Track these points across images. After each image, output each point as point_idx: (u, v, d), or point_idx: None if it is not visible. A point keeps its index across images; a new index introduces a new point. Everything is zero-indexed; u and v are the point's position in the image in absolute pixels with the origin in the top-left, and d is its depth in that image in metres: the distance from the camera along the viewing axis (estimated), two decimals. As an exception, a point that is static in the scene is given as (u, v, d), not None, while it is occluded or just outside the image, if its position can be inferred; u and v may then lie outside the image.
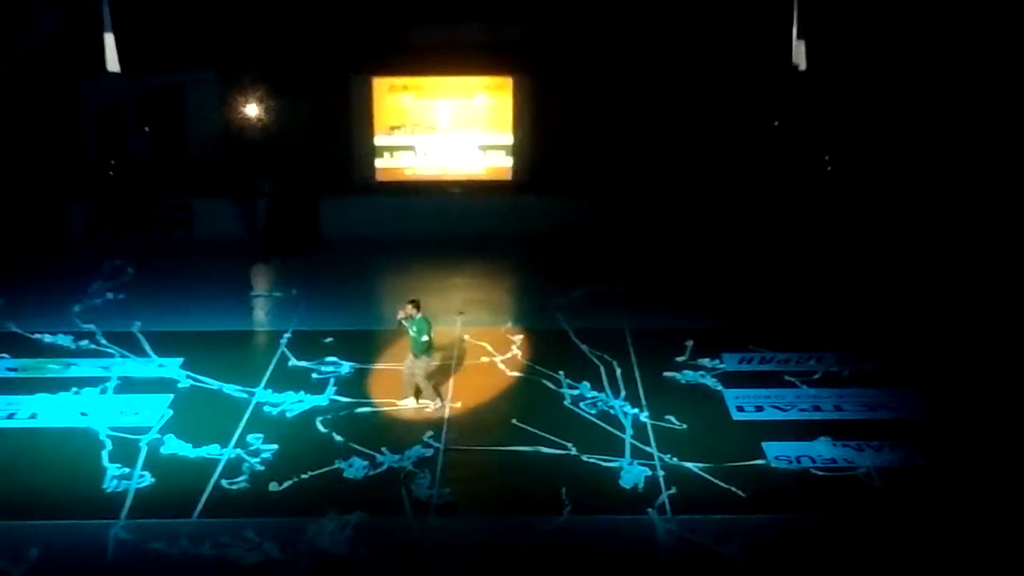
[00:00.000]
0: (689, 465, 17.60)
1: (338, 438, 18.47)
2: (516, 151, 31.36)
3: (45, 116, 31.27)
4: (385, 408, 19.70)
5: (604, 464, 17.65)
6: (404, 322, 19.78)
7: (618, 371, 20.97)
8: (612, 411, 19.51)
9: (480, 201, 30.95)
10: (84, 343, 22.45)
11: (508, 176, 31.58)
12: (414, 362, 19.77)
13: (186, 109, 32.30)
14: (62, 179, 30.99)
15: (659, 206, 29.91)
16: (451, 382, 20.80)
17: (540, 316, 24.24)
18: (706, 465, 17.56)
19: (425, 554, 15.36)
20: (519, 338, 22.77)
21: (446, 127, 31.48)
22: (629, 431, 18.73)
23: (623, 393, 20.16)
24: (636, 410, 19.49)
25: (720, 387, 20.56)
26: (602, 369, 21.07)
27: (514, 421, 18.99)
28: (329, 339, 22.61)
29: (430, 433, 18.55)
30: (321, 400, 19.98)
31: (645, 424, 19.05)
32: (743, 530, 15.88)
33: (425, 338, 19.65)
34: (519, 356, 21.94)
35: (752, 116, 31.03)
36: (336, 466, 17.56)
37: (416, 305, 19.76)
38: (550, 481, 17.06)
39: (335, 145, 31.50)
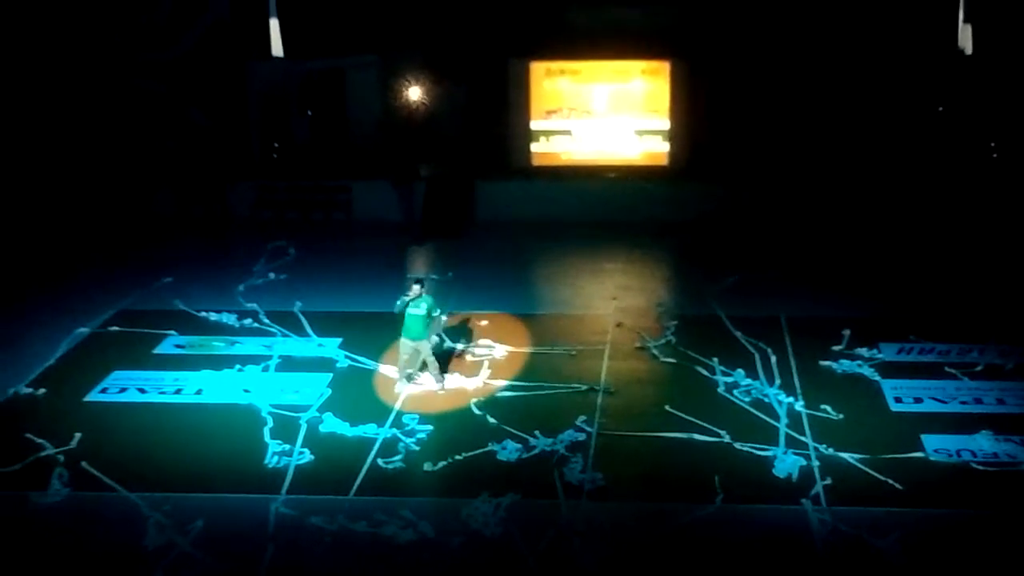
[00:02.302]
0: (845, 456, 17.32)
1: (492, 420, 18.61)
2: (672, 136, 31.19)
3: (213, 99, 32.12)
4: (539, 392, 19.78)
5: (758, 453, 17.47)
6: (410, 303, 19.63)
7: (773, 359, 20.73)
8: (766, 399, 19.30)
9: (635, 186, 30.87)
10: (247, 322, 23.03)
11: (664, 161, 31.45)
12: (417, 343, 19.70)
13: (347, 93, 32.84)
14: (227, 161, 31.80)
15: (818, 192, 29.47)
16: (604, 367, 20.80)
17: (694, 302, 24.10)
18: (862, 456, 17.27)
19: (576, 538, 15.39)
20: (673, 324, 22.66)
21: (602, 111, 31.47)
22: (784, 420, 18.51)
23: (778, 381, 19.94)
24: (791, 399, 19.26)
25: (878, 377, 20.19)
26: (757, 357, 20.87)
27: (667, 407, 18.91)
28: (484, 322, 22.80)
29: (583, 418, 18.58)
30: (477, 382, 20.16)
31: (800, 413, 18.80)
32: (899, 523, 15.58)
33: (438, 315, 19.65)
34: (673, 342, 21.84)
35: (916, 101, 30.35)
36: (490, 448, 17.69)
37: (421, 284, 19.74)
38: (703, 468, 16.95)
39: (492, 129, 31.72)
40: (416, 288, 19.68)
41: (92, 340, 22.44)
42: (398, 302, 19.73)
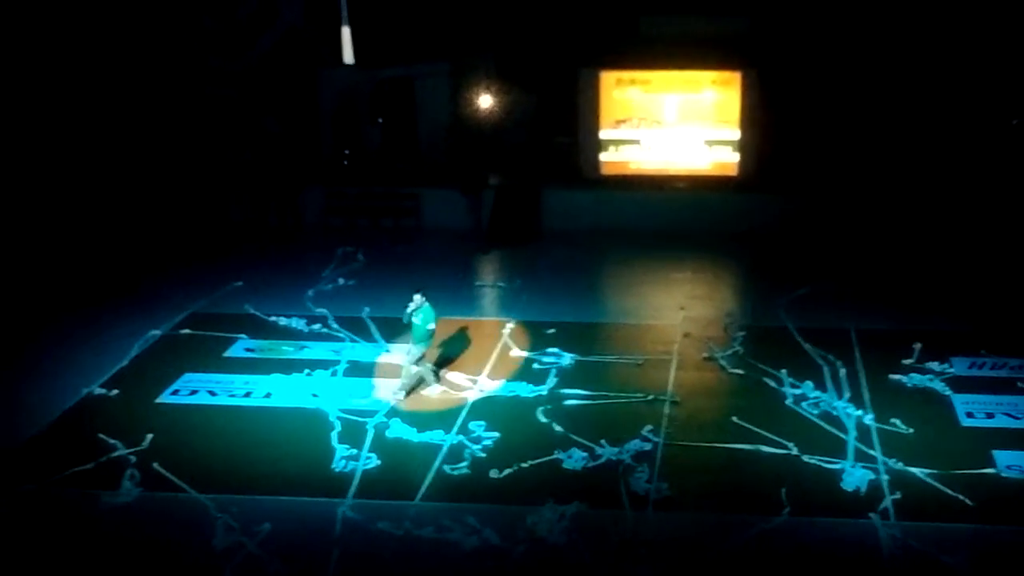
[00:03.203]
0: (914, 470, 17.15)
1: (558, 429, 18.62)
2: (743, 147, 31.03)
3: (285, 106, 32.39)
4: (605, 401, 19.74)
5: (826, 466, 17.35)
6: (412, 313, 19.63)
7: (842, 372, 20.57)
8: (835, 412, 19.15)
9: (704, 196, 30.75)
10: (316, 327, 23.20)
11: (734, 172, 31.27)
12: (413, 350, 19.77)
13: (417, 101, 32.98)
14: (299, 168, 32.05)
15: (889, 204, 29.19)
16: (671, 378, 20.73)
17: (763, 313, 23.96)
18: (932, 471, 17.09)
19: (642, 548, 15.35)
20: (741, 335, 22.54)
21: (672, 121, 31.34)
22: (852, 433, 18.36)
23: (847, 394, 19.77)
24: (860, 412, 19.09)
25: (949, 392, 19.96)
26: (826, 369, 20.71)
27: (734, 419, 18.82)
28: (551, 330, 22.81)
29: (649, 427, 18.53)
30: (542, 390, 20.17)
31: (869, 427, 18.63)
32: (970, 540, 15.40)
33: (431, 326, 19.57)
34: (741, 353, 21.72)
35: (989, 113, 29.97)
36: (555, 456, 17.70)
37: (422, 294, 19.71)
38: (770, 480, 16.86)
39: (561, 138, 31.71)
40: (417, 298, 19.65)
41: (164, 342, 22.72)
42: (406, 311, 19.78)
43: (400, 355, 20.59)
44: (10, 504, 16.39)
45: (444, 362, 21.16)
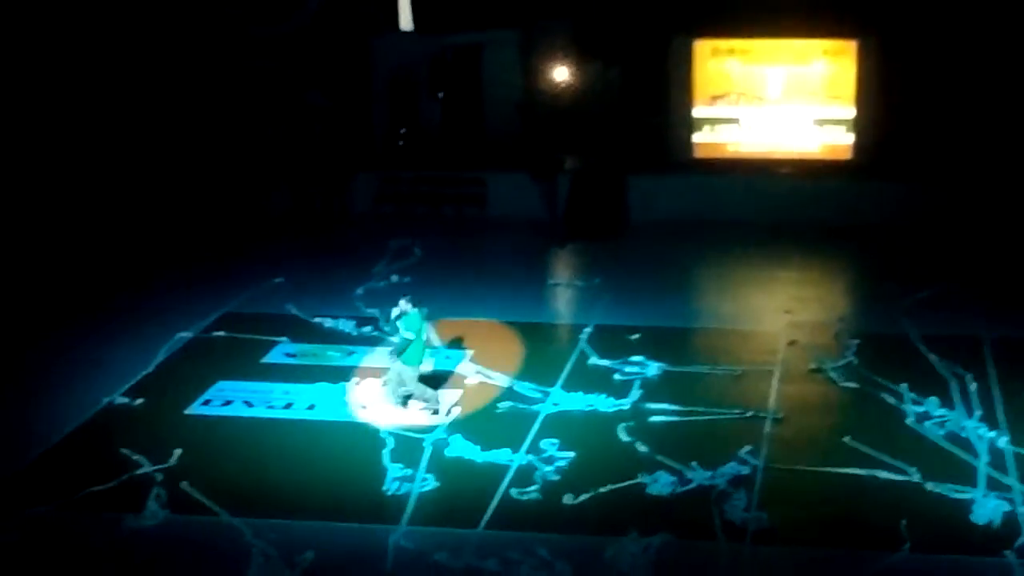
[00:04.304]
0: (1057, 501, 17.00)
1: (642, 448, 18.58)
2: (858, 126, 30.84)
3: (334, 79, 32.58)
4: (697, 417, 19.70)
5: (953, 495, 17.18)
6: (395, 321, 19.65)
7: (972, 386, 20.38)
8: (964, 433, 18.96)
9: (814, 183, 30.61)
10: (366, 329, 23.35)
11: (848, 155, 31.11)
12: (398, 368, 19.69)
13: (484, 73, 33.08)
14: (348, 149, 32.23)
15: (1028, 193, 28.95)
16: (774, 390, 20.65)
17: (880, 318, 23.81)
18: (1077, 503, 16.93)
19: (738, 586, 15.36)
20: (855, 343, 22.41)
21: (776, 97, 31.26)
22: (984, 457, 18.16)
23: (978, 413, 19.58)
24: (993, 433, 18.89)
25: (1099, 410, 19.76)
26: (953, 383, 20.54)
27: (847, 439, 18.69)
28: (635, 336, 22.80)
29: (747, 448, 18.46)
30: (624, 404, 20.16)
31: (1003, 450, 18.43)
32: (1121, 582, 15.23)
33: (408, 335, 19.38)
34: (855, 364, 21.59)
35: None
36: (639, 480, 17.65)
37: (410, 300, 19.59)
38: (887, 511, 16.70)
39: (649, 116, 31.69)
40: (402, 303, 19.60)
41: (195, 346, 22.99)
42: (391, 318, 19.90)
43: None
44: (18, 529, 16.58)
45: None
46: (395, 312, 19.64)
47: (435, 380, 20.83)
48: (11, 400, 20.69)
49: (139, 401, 20.55)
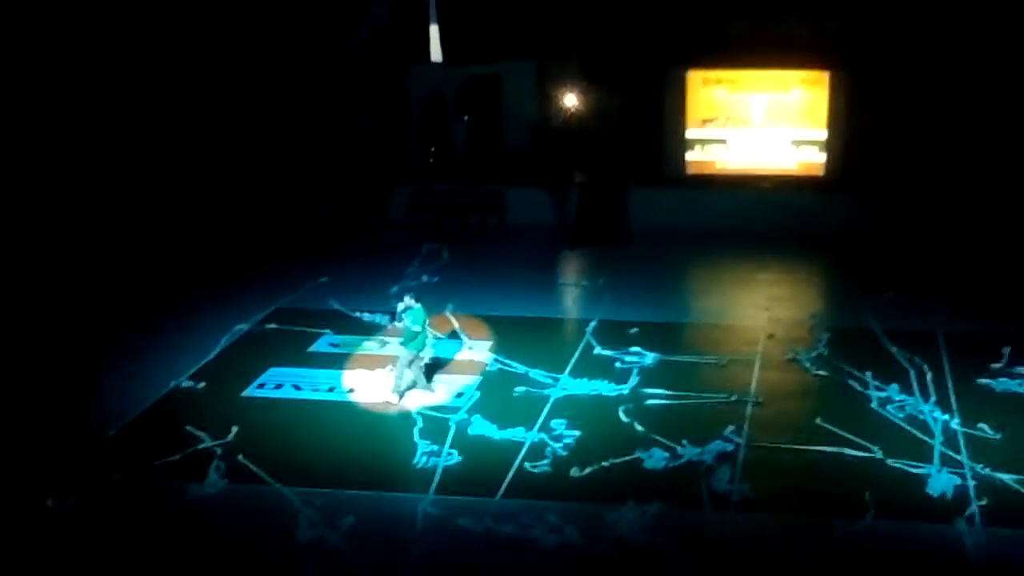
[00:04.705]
0: (1003, 476, 16.83)
1: (639, 428, 18.54)
2: (830, 147, 30.70)
3: (374, 104, 32.60)
4: (687, 401, 19.63)
5: (911, 470, 17.09)
6: (401, 314, 19.57)
7: (928, 375, 20.27)
8: (921, 416, 18.86)
9: (791, 196, 30.48)
10: (400, 323, 23.27)
11: (820, 172, 30.96)
12: (404, 354, 19.67)
13: (504, 99, 33.03)
14: (386, 164, 32.25)
15: (978, 206, 28.72)
16: (754, 378, 20.58)
17: (848, 315, 23.70)
18: (1020, 477, 16.76)
19: (723, 549, 15.25)
20: (826, 336, 22.31)
21: (759, 121, 31.11)
22: (939, 437, 18.07)
23: (933, 398, 19.47)
24: (947, 416, 18.80)
25: (1038, 397, 19.62)
26: (912, 372, 20.42)
27: (818, 421, 18.62)
28: (634, 329, 22.72)
29: (731, 428, 18.39)
30: (624, 389, 20.11)
31: (956, 431, 18.33)
32: (1058, 548, 15.12)
33: (416, 328, 19.40)
34: (825, 355, 21.49)
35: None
36: (637, 455, 17.62)
37: (414, 297, 19.62)
38: (854, 484, 16.66)
39: (647, 137, 31.57)
40: (407, 299, 19.59)
41: (250, 337, 22.99)
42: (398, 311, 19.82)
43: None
44: (100, 494, 16.64)
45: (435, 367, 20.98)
46: (401, 307, 19.63)
47: (438, 365, 20.92)
48: (93, 383, 20.71)
49: (202, 384, 20.57)
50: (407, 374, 19.76)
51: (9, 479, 16.98)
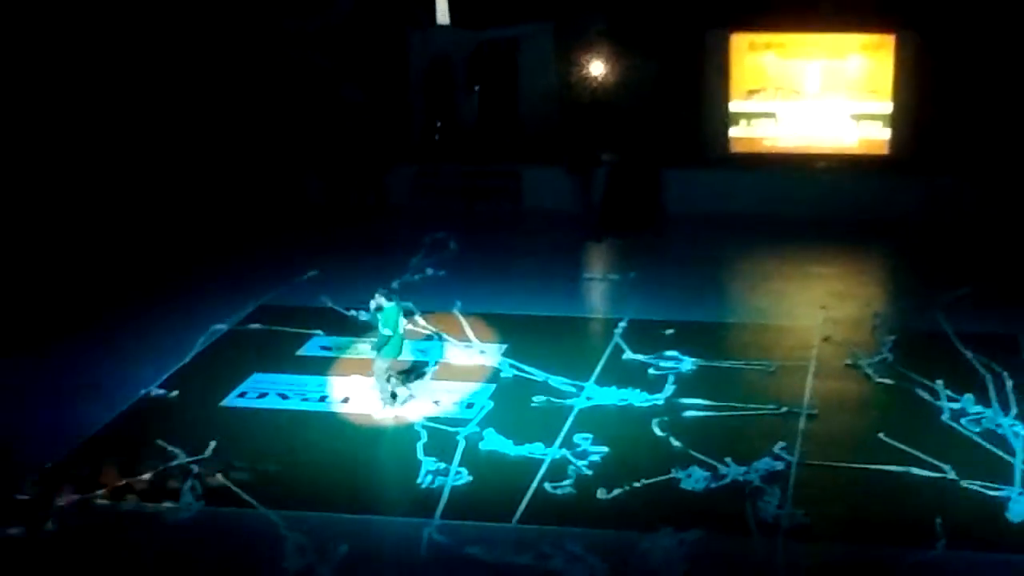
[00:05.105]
0: (1093, 500, 16.89)
1: (676, 444, 18.58)
2: (896, 122, 30.70)
3: (370, 73, 32.64)
4: (731, 413, 19.67)
5: (989, 492, 17.10)
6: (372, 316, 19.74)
7: (1009, 384, 20.23)
8: (1000, 430, 18.87)
9: (850, 178, 30.50)
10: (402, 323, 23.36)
11: (885, 150, 30.98)
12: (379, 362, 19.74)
13: (520, 66, 33.07)
14: (384, 142, 32.29)
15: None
16: (808, 387, 20.61)
17: (917, 315, 23.71)
18: (1114, 502, 16.82)
19: (771, 582, 15.34)
20: (891, 339, 22.33)
21: (813, 92, 31.13)
22: (1020, 455, 18.07)
23: (1014, 411, 19.46)
24: (1030, 431, 18.86)
25: None
26: (990, 380, 20.42)
27: (881, 436, 18.64)
28: (670, 330, 22.77)
29: (782, 444, 18.42)
30: (658, 399, 20.15)
31: (1040, 448, 18.39)
32: None
33: (386, 331, 19.42)
34: (890, 360, 21.51)
35: None
36: (673, 475, 17.65)
37: (385, 295, 19.66)
38: (922, 508, 16.67)
39: (684, 110, 31.60)
40: (376, 297, 19.65)
41: (230, 338, 23.11)
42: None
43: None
44: (54, 519, 16.71)
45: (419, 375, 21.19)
46: (372, 305, 19.73)
47: (474, 373, 20.95)
48: (49, 391, 20.82)
49: (175, 393, 20.67)
50: (389, 384, 19.84)
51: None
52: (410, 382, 20.58)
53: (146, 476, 17.74)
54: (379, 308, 19.57)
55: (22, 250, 26.92)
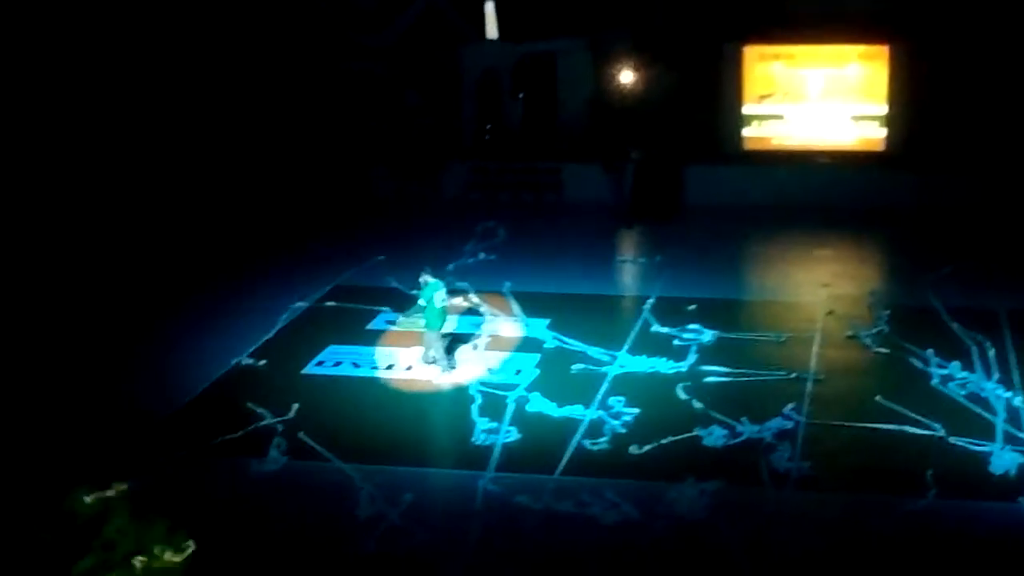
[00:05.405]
0: (1067, 454, 16.71)
1: (698, 405, 18.51)
2: (890, 122, 30.43)
3: (430, 81, 32.65)
4: (746, 378, 19.56)
5: (973, 448, 16.96)
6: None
7: (991, 352, 20.05)
8: (983, 393, 18.71)
9: (850, 172, 30.26)
10: (457, 301, 23.37)
11: (880, 147, 30.71)
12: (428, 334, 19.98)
13: (558, 76, 32.96)
14: (441, 142, 32.30)
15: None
16: (813, 356, 20.48)
17: (909, 292, 23.50)
18: (1087, 455, 16.63)
19: (782, 526, 15.22)
20: (886, 313, 22.14)
21: (817, 96, 30.89)
22: (1001, 415, 17.91)
23: (996, 376, 19.29)
24: (1010, 394, 18.63)
25: (1104, 373, 19.40)
26: (974, 350, 20.23)
27: (878, 398, 18.50)
28: (692, 306, 22.66)
29: (791, 406, 18.32)
30: (682, 367, 20.07)
31: (1019, 409, 18.16)
32: (1124, 527, 14.97)
33: (421, 302, 19.79)
34: (886, 332, 21.33)
35: None
36: (695, 433, 17.60)
37: (430, 273, 19.93)
38: (914, 462, 16.55)
39: (703, 113, 31.41)
40: (424, 276, 19.88)
41: (310, 314, 23.15)
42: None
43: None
44: (164, 470, 16.83)
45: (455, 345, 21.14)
46: (421, 281, 19.99)
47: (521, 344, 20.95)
48: (153, 361, 20.95)
49: (262, 362, 20.74)
50: (433, 351, 19.97)
51: (73, 459, 17.15)
52: (459, 352, 20.53)
53: (238, 434, 17.84)
54: (425, 283, 19.66)
55: (130, 237, 27.09)
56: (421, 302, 19.72)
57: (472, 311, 22.70)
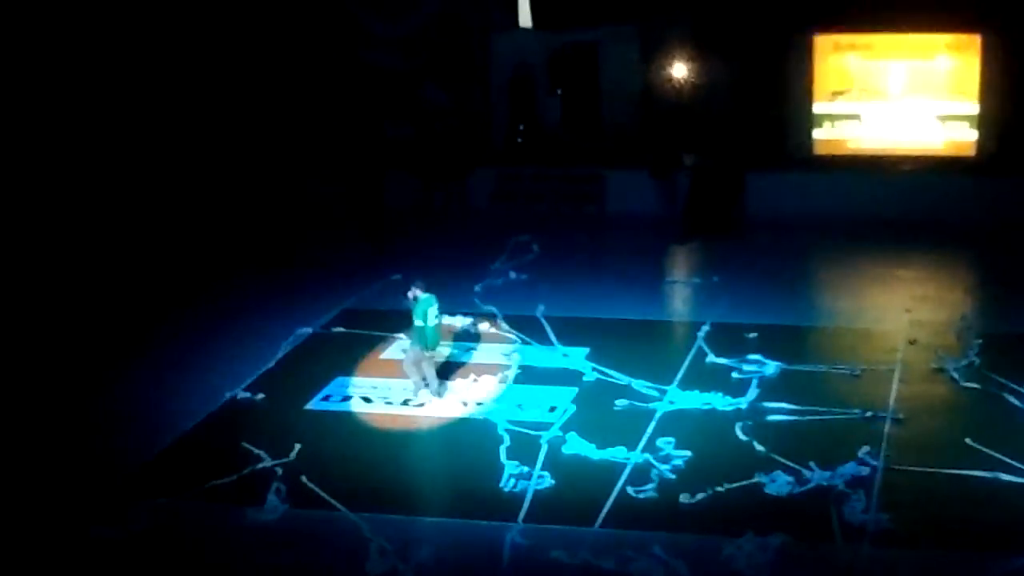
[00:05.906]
0: None
1: (759, 448, 18.45)
2: (983, 123, 30.36)
3: (453, 76, 32.77)
4: (815, 417, 19.50)
5: (1079, 499, 16.90)
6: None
7: (1100, 389, 20.01)
8: (1091, 436, 18.63)
9: (936, 180, 30.18)
10: (483, 326, 23.42)
11: (972, 152, 30.64)
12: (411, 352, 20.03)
13: (602, 69, 33.03)
14: (467, 146, 32.37)
15: None
16: (893, 391, 20.40)
17: (1005, 318, 23.43)
18: None
19: (856, 588, 15.19)
20: (978, 343, 22.05)
21: (898, 93, 30.87)
22: (1113, 461, 17.84)
23: (1107, 415, 19.22)
24: (1122, 436, 18.55)
25: None
26: (1081, 385, 20.17)
27: (968, 441, 18.40)
28: (753, 334, 22.65)
29: (867, 449, 18.24)
30: (742, 403, 20.03)
31: None
32: None
33: (418, 322, 19.62)
34: (977, 364, 21.24)
35: None
36: (756, 480, 17.54)
37: (423, 287, 19.84)
38: (1010, 514, 16.48)
39: (768, 112, 31.43)
40: (413, 290, 19.89)
41: (315, 341, 23.24)
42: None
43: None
44: (143, 519, 16.86)
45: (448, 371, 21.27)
46: (409, 295, 20.01)
47: (557, 376, 21.00)
48: (138, 394, 21.05)
49: (260, 396, 20.81)
50: (418, 371, 20.11)
51: (44, 505, 17.24)
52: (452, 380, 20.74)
53: (232, 478, 17.88)
54: (415, 298, 19.73)
55: (114, 253, 27.28)
56: (418, 323, 19.77)
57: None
